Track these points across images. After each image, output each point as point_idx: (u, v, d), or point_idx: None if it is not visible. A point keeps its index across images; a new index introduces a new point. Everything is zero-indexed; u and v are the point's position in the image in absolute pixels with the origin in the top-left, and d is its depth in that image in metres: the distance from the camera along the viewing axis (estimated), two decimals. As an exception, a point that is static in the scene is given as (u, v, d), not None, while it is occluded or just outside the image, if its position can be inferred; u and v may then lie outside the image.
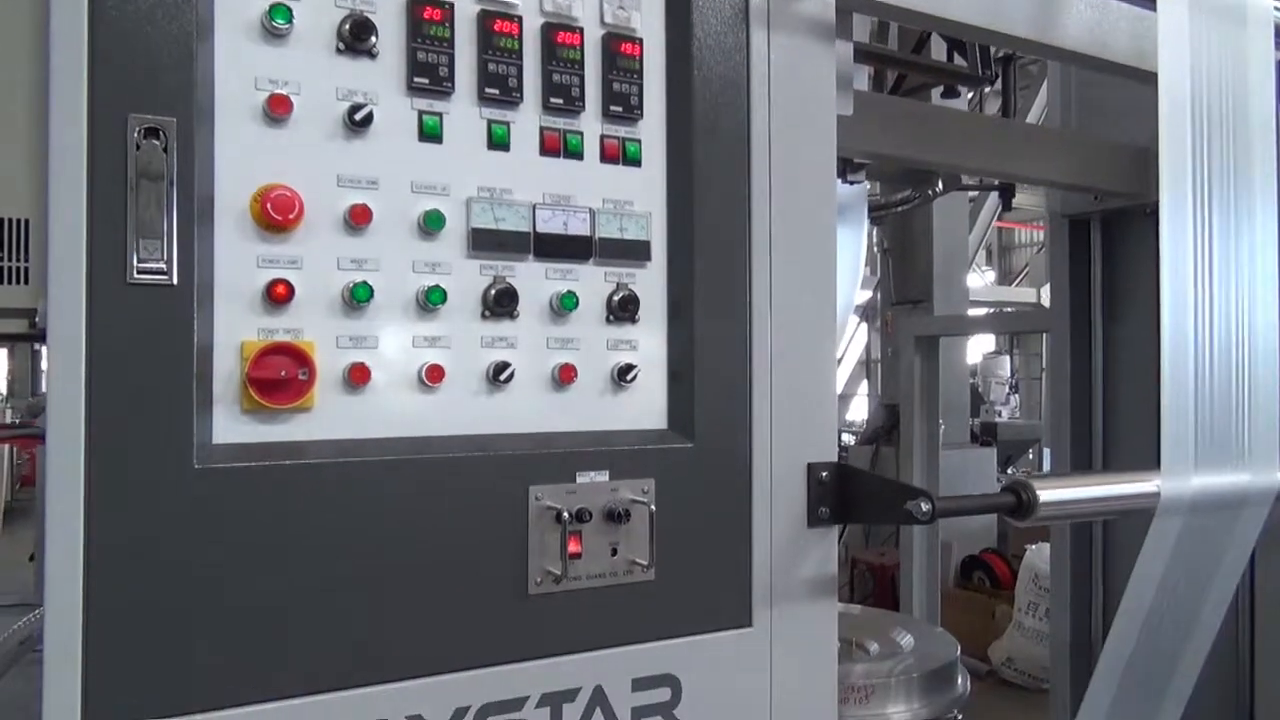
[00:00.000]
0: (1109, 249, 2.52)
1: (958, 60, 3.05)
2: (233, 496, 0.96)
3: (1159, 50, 1.46)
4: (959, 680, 2.12)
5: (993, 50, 3.14)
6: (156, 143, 0.94)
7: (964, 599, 6.02)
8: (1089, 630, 2.49)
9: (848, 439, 8.90)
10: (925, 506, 1.17)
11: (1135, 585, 1.48)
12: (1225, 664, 2.10)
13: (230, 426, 0.98)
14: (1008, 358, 13.53)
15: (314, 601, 0.99)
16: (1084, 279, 2.53)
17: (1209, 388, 1.48)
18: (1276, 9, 1.64)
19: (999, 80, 2.76)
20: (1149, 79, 1.47)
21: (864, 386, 12.86)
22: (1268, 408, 1.56)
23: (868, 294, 9.74)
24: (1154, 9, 1.46)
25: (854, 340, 12.10)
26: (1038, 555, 5.37)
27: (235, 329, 0.99)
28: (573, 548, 1.11)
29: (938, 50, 3.44)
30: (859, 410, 12.24)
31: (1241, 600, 2.06)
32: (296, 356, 0.99)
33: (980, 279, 16.31)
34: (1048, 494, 1.28)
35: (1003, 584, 6.04)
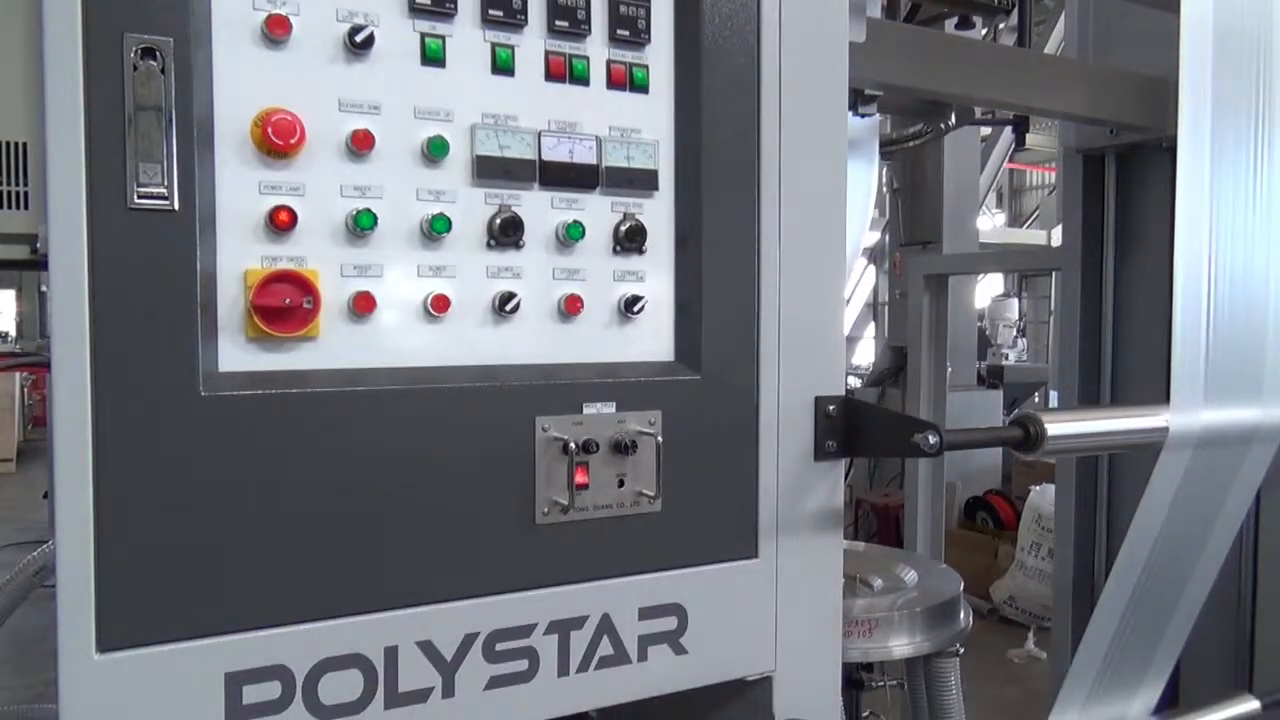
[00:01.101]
0: (1123, 185, 2.48)
1: (974, -9, 2.96)
2: (239, 425, 0.96)
3: (1183, -25, 1.42)
4: (961, 615, 2.15)
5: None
6: (154, 63, 0.92)
7: (967, 539, 6.08)
8: (1091, 568, 2.51)
9: (854, 382, 8.91)
10: (933, 439, 1.17)
11: (1141, 518, 1.49)
12: (1227, 601, 2.12)
13: (235, 355, 0.98)
14: (1016, 301, 13.46)
15: (321, 529, 1.00)
16: (1097, 216, 2.49)
17: (1221, 323, 1.46)
18: (1306, -66, 1.58)
19: (1015, 11, 2.69)
20: (1172, 5, 1.43)
21: (871, 329, 12.83)
22: (1278, 344, 1.54)
23: (876, 235, 9.65)
24: (1179, -68, 1.41)
25: (862, 282, 12.03)
26: (1041, 496, 5.40)
27: (238, 256, 0.98)
28: (579, 479, 1.12)
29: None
30: (866, 353, 12.22)
31: (1246, 538, 2.07)
32: (301, 284, 0.98)
33: (990, 221, 16.15)
34: (1056, 427, 1.27)
35: (1006, 525, 6.09)
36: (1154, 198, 2.41)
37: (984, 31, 6.29)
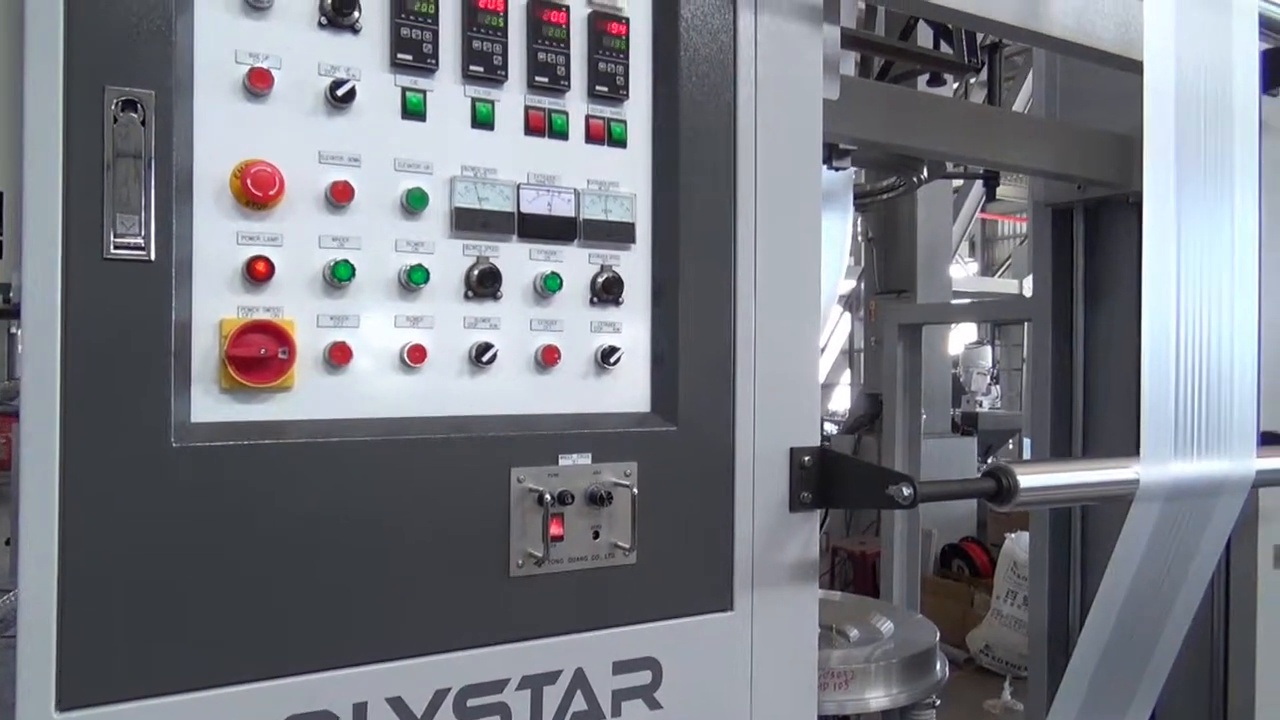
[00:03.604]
0: (1091, 238, 2.53)
1: (944, 48, 3.04)
2: (211, 476, 0.95)
3: (1145, 39, 1.46)
4: (937, 666, 2.14)
5: (979, 38, 3.14)
6: (134, 115, 0.92)
7: (943, 587, 6.07)
8: (1066, 617, 2.52)
9: (830, 428, 8.93)
10: (907, 490, 1.17)
11: (1113, 570, 1.50)
12: (1200, 650, 2.13)
13: (209, 405, 0.97)
14: (989, 348, 13.62)
15: (293, 583, 0.99)
16: (1066, 268, 2.54)
17: (1189, 376, 1.48)
18: None
19: (985, 69, 2.77)
20: (1134, 68, 1.48)
21: (847, 376, 12.91)
22: (1245, 397, 1.57)
23: (852, 283, 9.76)
24: (1140, -3, 1.46)
25: (837, 329, 12.12)
26: (1017, 544, 5.41)
27: (214, 307, 0.98)
28: (554, 530, 1.11)
29: (925, 38, 3.44)
30: (842, 400, 12.28)
31: (1217, 587, 2.08)
32: (276, 335, 0.98)
33: (963, 270, 16.38)
34: (1028, 479, 1.28)
35: (982, 572, 6.09)
36: (1121, 251, 2.46)
37: (955, 86, 6.45)
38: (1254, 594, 2.02)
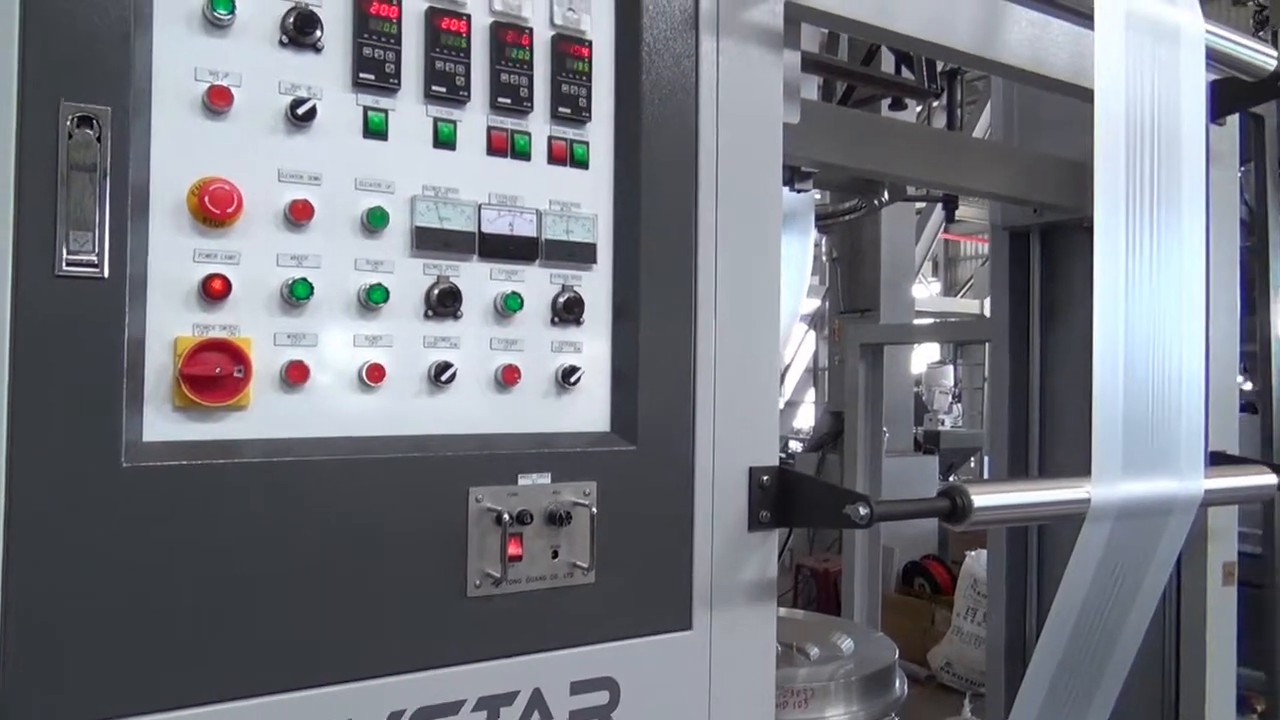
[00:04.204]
0: (1047, 261, 2.58)
1: (905, 74, 3.10)
2: (162, 496, 0.93)
3: (1095, 69, 1.50)
4: (896, 683, 2.16)
5: (939, 64, 3.20)
6: (90, 131, 0.92)
7: (905, 604, 6.10)
8: (1023, 634, 2.55)
9: (796, 446, 8.98)
10: (863, 510, 1.19)
11: (1066, 588, 1.52)
12: (1152, 666, 2.16)
13: (161, 424, 0.96)
14: (951, 368, 13.78)
15: (246, 604, 0.97)
16: (1023, 290, 2.59)
17: (1138, 398, 1.52)
18: (1208, 31, 1.70)
19: (945, 94, 2.82)
20: (1087, 95, 1.52)
21: (811, 394, 13.00)
22: (1193, 418, 1.61)
23: (816, 302, 9.85)
24: (1093, 28, 1.50)
25: (802, 348, 12.21)
26: (977, 561, 5.46)
27: (169, 324, 0.97)
28: (513, 550, 1.11)
29: (888, 64, 3.50)
30: (807, 417, 12.36)
31: (1168, 603, 2.12)
32: (232, 353, 0.98)
33: (926, 290, 16.59)
34: (982, 499, 1.31)
35: (943, 589, 6.13)
36: (1076, 274, 2.51)
37: (919, 110, 6.56)
38: (1204, 610, 2.06)
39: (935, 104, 6.13)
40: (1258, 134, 2.36)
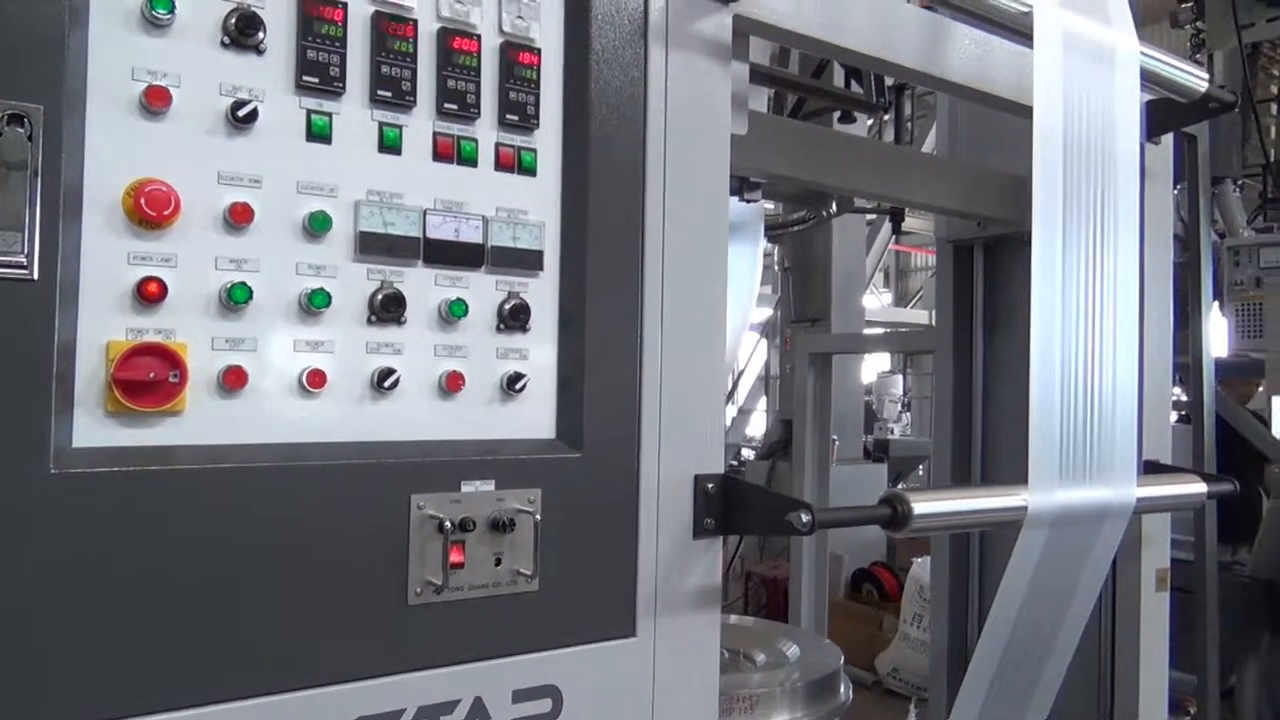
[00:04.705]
0: (990, 274, 2.63)
1: (855, 88, 3.15)
2: (93, 504, 0.91)
3: (1034, 87, 1.54)
4: (841, 689, 2.18)
5: (887, 80, 3.26)
6: (21, 130, 0.89)
7: (853, 611, 6.17)
8: (965, 638, 2.59)
9: (748, 454, 9.03)
10: (805, 518, 1.20)
11: (1003, 594, 1.55)
12: (1088, 668, 2.21)
13: (92, 430, 0.94)
14: (901, 377, 13.99)
15: (178, 614, 0.96)
16: (967, 301, 2.64)
17: (1073, 408, 1.56)
18: (1143, 53, 1.75)
19: (893, 108, 2.87)
20: (1028, 113, 1.55)
21: (764, 402, 13.09)
22: (1126, 427, 1.65)
23: (769, 312, 9.93)
24: (1033, 48, 1.54)
25: (755, 356, 12.31)
26: (923, 568, 5.54)
27: (101, 328, 0.95)
28: (455, 558, 1.10)
29: (840, 78, 3.55)
30: (760, 425, 12.44)
31: (1104, 608, 2.17)
32: (167, 358, 0.96)
33: (878, 300, 16.82)
34: (921, 506, 1.33)
35: (891, 596, 6.21)
36: (1017, 287, 2.57)
37: (871, 124, 6.66)
38: (1138, 615, 2.12)
39: (886, 118, 6.24)
40: (1191, 153, 2.43)
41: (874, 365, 14.11)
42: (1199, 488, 1.89)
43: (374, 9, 1.12)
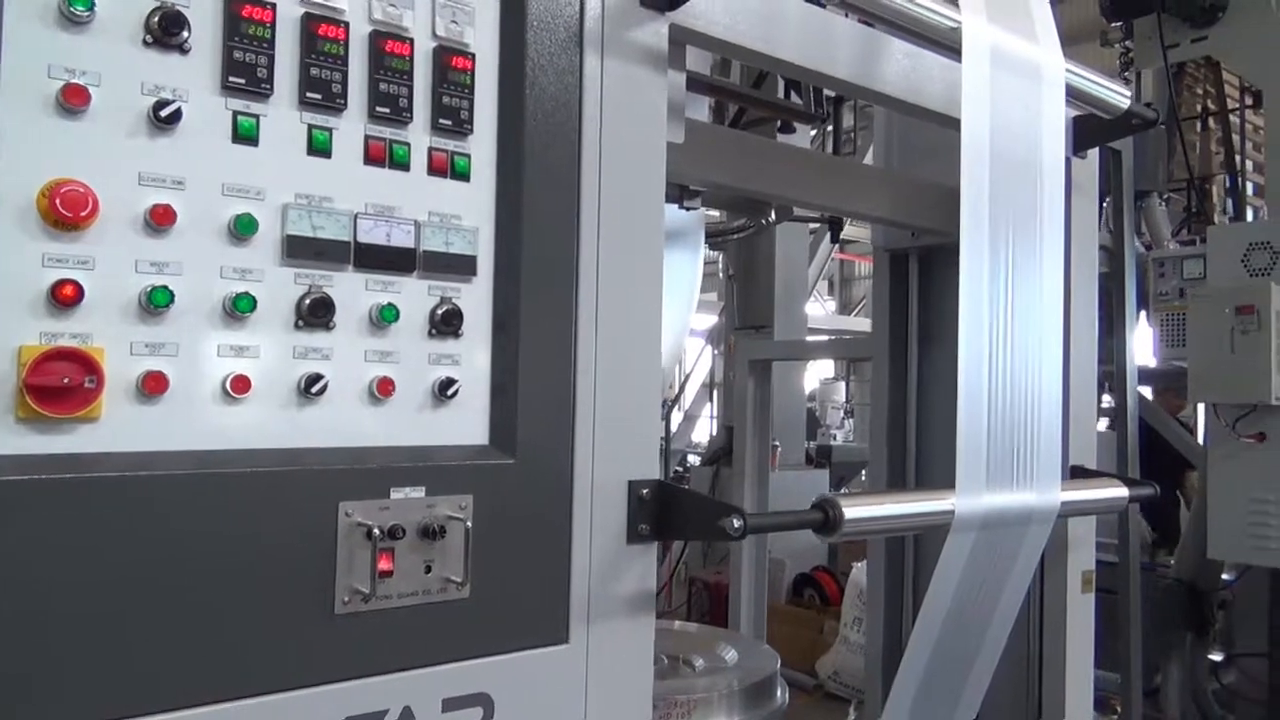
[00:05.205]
0: (925, 283, 2.68)
1: (795, 98, 3.19)
2: (3, 514, 0.88)
3: (962, 102, 1.58)
4: (778, 693, 2.20)
5: (826, 91, 3.31)
6: (-73, 127, 0.87)
7: (795, 615, 6.22)
8: (900, 641, 2.63)
9: (694, 459, 9.07)
10: (736, 523, 1.22)
11: (932, 596, 1.59)
12: (1017, 668, 2.27)
13: (3, 438, 0.91)
14: (844, 384, 14.18)
15: (95, 627, 0.93)
16: (903, 310, 2.69)
17: (999, 415, 1.60)
18: (1068, 70, 1.81)
19: (830, 119, 2.92)
20: (958, 125, 1.59)
21: (709, 409, 13.17)
22: (1051, 434, 1.70)
23: (714, 318, 9.99)
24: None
25: (700, 362, 12.38)
26: (863, 572, 5.60)
27: (12, 332, 0.92)
28: (383, 565, 1.09)
29: (781, 89, 3.59)
30: (706, 431, 12.52)
31: (1031, 610, 2.23)
32: (82, 362, 0.93)
33: (822, 308, 17.04)
34: (852, 511, 1.35)
35: (832, 601, 6.28)
36: (950, 295, 2.61)
37: (814, 133, 6.74)
38: (1064, 616, 2.17)
39: (830, 128, 6.33)
40: (1116, 167, 2.51)
41: (818, 372, 14.29)
42: (1121, 492, 1.95)
43: (304, 10, 1.11)
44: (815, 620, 6.13)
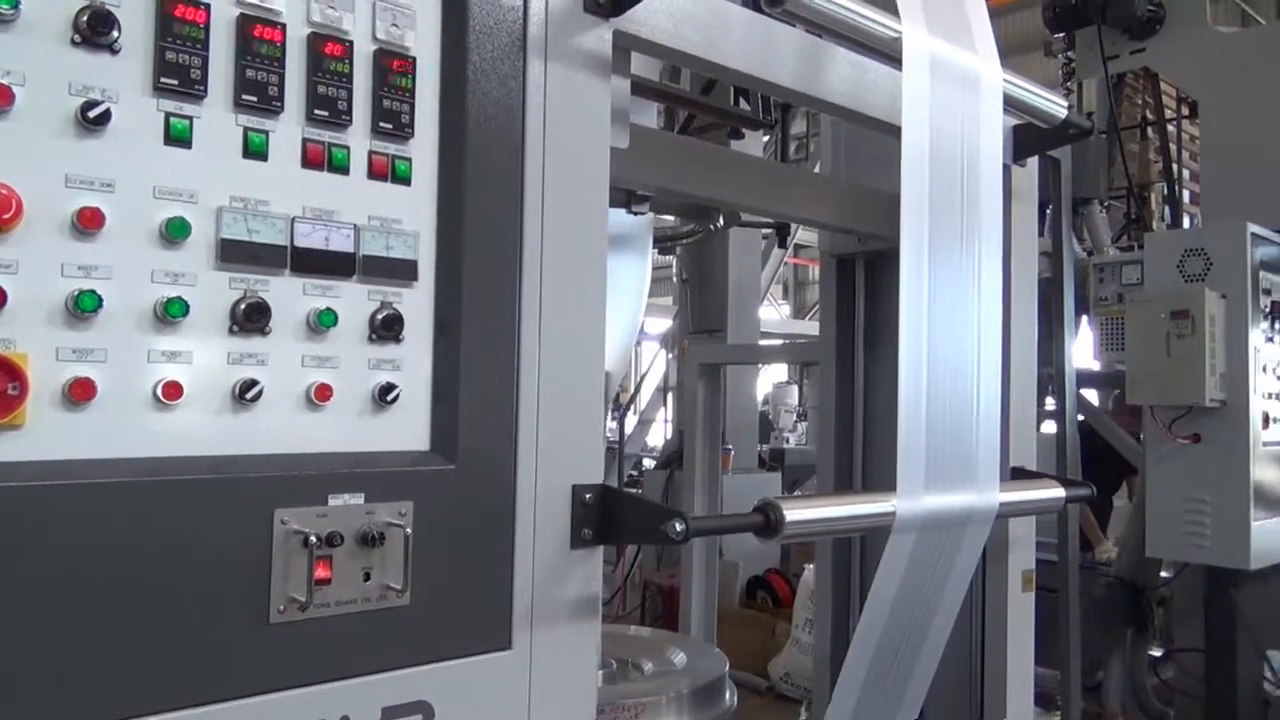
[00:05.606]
0: (871, 287, 2.72)
1: (744, 105, 3.22)
2: (-80, 523, 0.86)
3: (903, 110, 1.61)
4: (726, 695, 2.21)
5: (773, 98, 3.34)
6: None
7: (748, 618, 6.26)
8: (847, 641, 2.66)
9: (649, 463, 9.08)
10: (679, 526, 1.22)
11: (875, 595, 1.61)
12: (959, 666, 2.31)
13: (-81, 446, 0.88)
14: (796, 387, 14.30)
15: (23, 639, 0.91)
16: (849, 314, 2.72)
17: (938, 416, 1.63)
18: (1006, 80, 1.85)
19: (779, 126, 2.95)
20: (900, 133, 1.62)
21: (663, 413, 13.20)
22: (990, 436, 1.74)
23: (669, 323, 10.01)
24: (903, 72, 1.61)
25: (655, 367, 12.40)
26: (814, 574, 5.67)
27: (-68, 337, 0.89)
28: (320, 573, 1.08)
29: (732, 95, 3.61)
30: (660, 435, 12.54)
31: (973, 609, 2.27)
32: (5, 369, 0.91)
33: (777, 312, 17.16)
34: (793, 513, 1.37)
35: (784, 603, 6.33)
36: (896, 300, 2.66)
37: (766, 139, 6.79)
38: (1005, 614, 2.22)
39: (779, 134, 6.39)
40: (1055, 175, 2.57)
41: (771, 376, 14.39)
42: (1058, 492, 2.00)
43: (239, 12, 1.09)
44: (767, 622, 6.17)
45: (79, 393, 0.96)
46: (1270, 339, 3.40)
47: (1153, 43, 4.31)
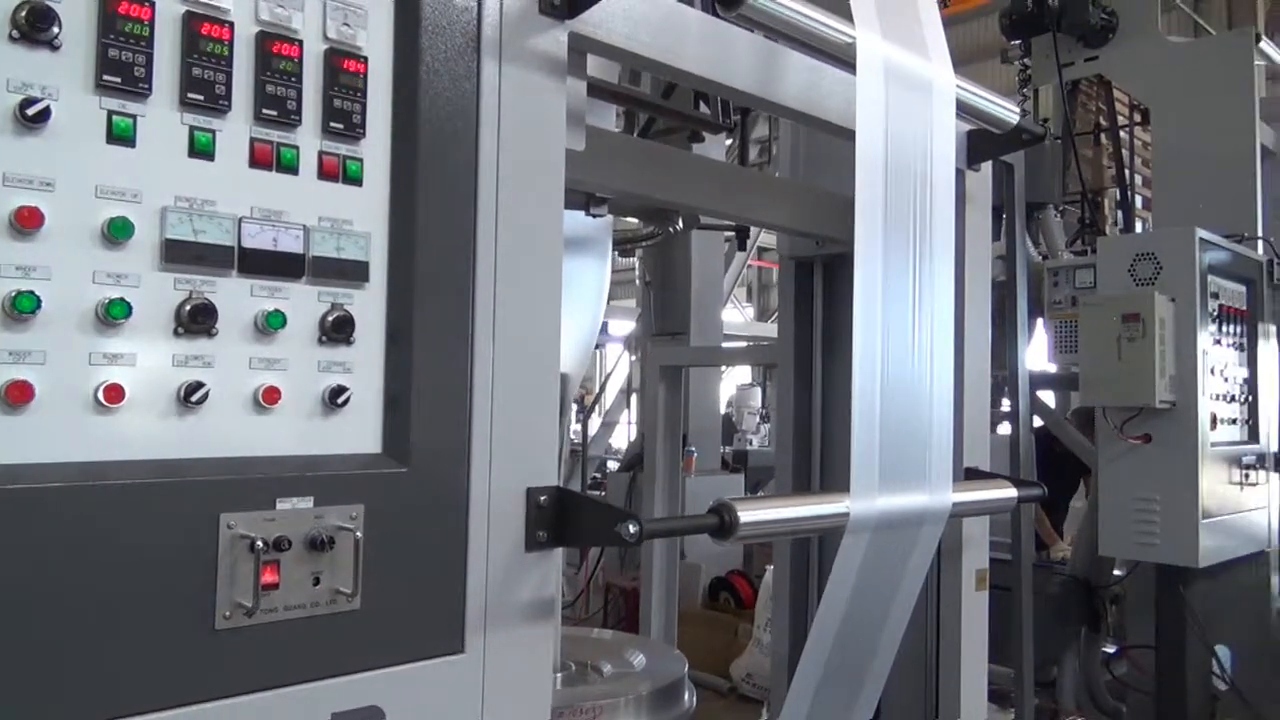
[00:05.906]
0: (829, 290, 2.75)
1: (704, 108, 3.22)
2: None
3: (857, 115, 1.62)
4: (686, 696, 2.22)
5: (731, 101, 3.35)
6: None
7: (710, 619, 6.27)
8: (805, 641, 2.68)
9: (613, 465, 9.07)
10: (633, 528, 1.22)
11: (830, 594, 1.62)
12: (915, 664, 2.34)
13: None
14: (760, 389, 14.36)
15: (-48, 646, 0.89)
16: (808, 317, 2.75)
17: (892, 418, 1.65)
18: (959, 86, 1.87)
19: (738, 129, 2.97)
20: (855, 137, 1.63)
21: (627, 415, 13.20)
22: (943, 437, 1.76)
23: (632, 325, 10.02)
24: (858, 77, 1.62)
25: (618, 369, 12.40)
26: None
27: None
28: (268, 578, 1.06)
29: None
30: (625, 437, 12.54)
31: (928, 607, 2.30)
32: (-61, 371, 0.89)
33: (741, 314, 17.22)
34: (748, 515, 1.37)
35: (746, 604, 6.35)
36: (852, 303, 2.69)
37: (728, 143, 6.82)
38: (959, 613, 2.25)
39: (738, 138, 6.41)
40: (1008, 180, 2.61)
41: (734, 378, 14.45)
42: (1010, 493, 2.03)
43: (185, 9, 1.08)
44: (729, 623, 6.18)
45: (16, 395, 0.94)
46: (1218, 342, 3.49)
47: (1106, 51, 4.40)
